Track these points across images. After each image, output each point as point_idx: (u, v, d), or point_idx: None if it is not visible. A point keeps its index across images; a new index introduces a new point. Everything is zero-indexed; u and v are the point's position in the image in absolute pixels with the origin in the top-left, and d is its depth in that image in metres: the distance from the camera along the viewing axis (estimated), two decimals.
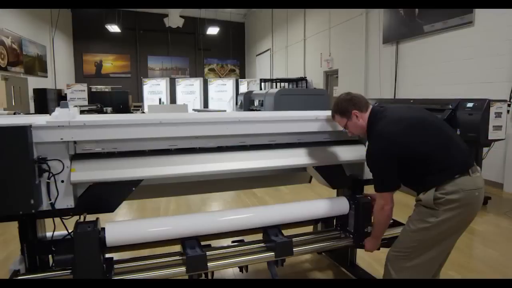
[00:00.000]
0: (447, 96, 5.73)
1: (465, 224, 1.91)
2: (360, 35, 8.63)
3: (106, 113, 10.84)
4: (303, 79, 11.57)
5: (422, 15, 6.66)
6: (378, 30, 7.90)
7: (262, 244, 2.27)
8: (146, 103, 14.50)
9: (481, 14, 5.65)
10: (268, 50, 15.03)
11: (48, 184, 1.84)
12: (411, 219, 1.96)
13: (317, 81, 11.12)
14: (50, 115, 1.99)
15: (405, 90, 7.24)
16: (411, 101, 5.66)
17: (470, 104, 4.38)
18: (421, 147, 1.86)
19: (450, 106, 4.52)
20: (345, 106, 2.09)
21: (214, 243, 2.31)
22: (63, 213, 1.93)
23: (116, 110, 11.77)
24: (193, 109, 13.50)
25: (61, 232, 2.04)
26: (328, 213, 2.35)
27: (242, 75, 18.07)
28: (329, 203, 2.38)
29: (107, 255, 2.05)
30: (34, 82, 10.86)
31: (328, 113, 2.39)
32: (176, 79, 16.05)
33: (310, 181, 2.89)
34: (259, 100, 8.51)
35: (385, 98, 7.33)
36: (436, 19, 6.33)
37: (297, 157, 2.31)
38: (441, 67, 6.38)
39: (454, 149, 1.89)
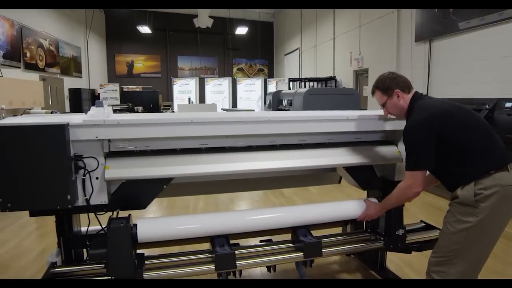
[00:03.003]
0: (484, 96, 5.51)
1: (506, 222, 1.82)
2: (391, 33, 8.44)
3: (137, 112, 11.09)
4: (333, 78, 11.43)
5: (457, 12, 6.43)
6: (410, 28, 7.70)
7: (291, 244, 2.26)
8: (176, 103, 14.74)
9: None
10: (297, 49, 14.95)
11: (83, 180, 1.90)
12: (448, 221, 1.87)
13: (346, 80, 10.96)
14: (85, 114, 2.06)
15: (438, 90, 7.01)
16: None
17: (509, 104, 4.21)
18: (462, 131, 1.81)
19: (487, 106, 4.36)
20: (388, 84, 2.05)
21: (242, 242, 2.32)
22: (97, 209, 1.99)
23: (146, 109, 12.02)
24: (221, 109, 13.62)
25: (95, 227, 2.11)
26: (359, 214, 2.31)
27: (271, 75, 18.05)
28: (360, 204, 2.33)
29: (138, 251, 2.10)
30: (69, 82, 11.27)
31: (359, 113, 2.36)
32: (205, 79, 16.24)
33: (339, 182, 2.85)
34: (288, 100, 8.48)
35: None
36: (472, 15, 6.10)
37: (327, 157, 2.28)
38: (478, 65, 6.14)
39: (495, 143, 1.82)
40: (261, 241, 2.37)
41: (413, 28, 7.63)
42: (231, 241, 2.18)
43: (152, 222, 2.13)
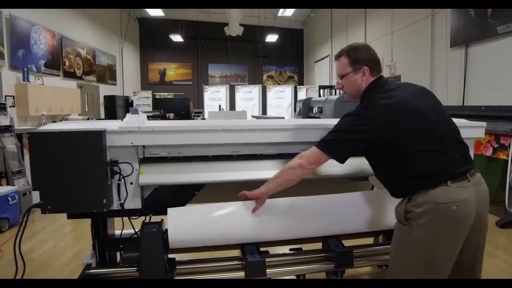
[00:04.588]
0: None
1: (453, 241, 1.57)
2: (425, 39, 8.24)
3: (168, 119, 11.32)
4: None
5: (496, 16, 6.20)
6: (445, 33, 7.49)
7: (321, 254, 2.23)
8: (207, 110, 14.94)
9: None
10: (327, 56, 14.86)
11: (118, 185, 1.96)
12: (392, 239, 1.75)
13: None
14: (120, 120, 2.12)
15: (475, 97, 6.77)
16: (483, 108, 5.31)
17: None
18: (404, 142, 1.59)
19: None
20: (362, 56, 1.79)
21: (272, 250, 2.30)
22: (131, 213, 2.04)
23: (178, 116, 12.25)
24: (252, 116, 13.67)
25: (128, 231, 2.16)
26: (392, 225, 2.24)
27: (301, 82, 18.00)
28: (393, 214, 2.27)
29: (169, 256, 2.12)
30: (104, 90, 11.66)
31: None
32: (236, 86, 16.39)
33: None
34: (318, 107, 8.42)
35: (452, 105, 6.92)
36: None
37: (359, 166, 2.24)
38: None
39: (441, 156, 1.59)
40: (290, 249, 2.35)
41: (448, 33, 7.42)
42: (261, 249, 2.17)
43: (184, 227, 2.15)
